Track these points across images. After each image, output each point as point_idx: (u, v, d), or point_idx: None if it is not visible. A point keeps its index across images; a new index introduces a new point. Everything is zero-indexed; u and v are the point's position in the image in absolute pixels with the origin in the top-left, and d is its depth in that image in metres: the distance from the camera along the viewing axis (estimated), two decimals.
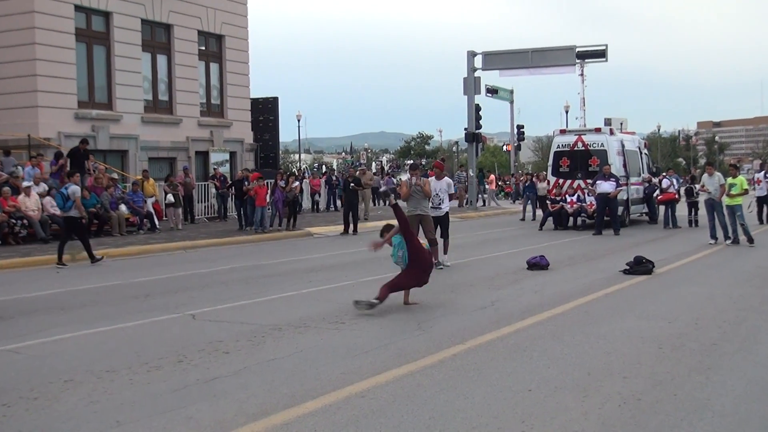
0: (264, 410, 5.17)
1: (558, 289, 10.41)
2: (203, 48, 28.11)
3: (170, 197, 21.44)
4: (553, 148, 23.14)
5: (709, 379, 5.87)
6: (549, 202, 22.25)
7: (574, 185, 21.78)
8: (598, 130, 22.79)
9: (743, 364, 6.33)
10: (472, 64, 31.58)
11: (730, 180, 16.42)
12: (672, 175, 23.67)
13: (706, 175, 17.21)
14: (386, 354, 6.72)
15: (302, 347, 7.03)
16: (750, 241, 16.05)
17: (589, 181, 21.11)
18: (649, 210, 23.64)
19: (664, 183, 22.43)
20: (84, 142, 20.81)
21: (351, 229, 20.66)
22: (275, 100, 32.41)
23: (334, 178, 32.97)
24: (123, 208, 19.89)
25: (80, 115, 23.25)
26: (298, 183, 23.28)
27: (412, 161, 69.09)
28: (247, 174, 22.43)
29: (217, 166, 26.69)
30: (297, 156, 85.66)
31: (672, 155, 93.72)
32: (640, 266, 11.78)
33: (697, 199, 20.72)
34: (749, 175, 41.07)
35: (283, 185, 21.36)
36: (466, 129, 32.21)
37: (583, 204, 21.25)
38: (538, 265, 12.36)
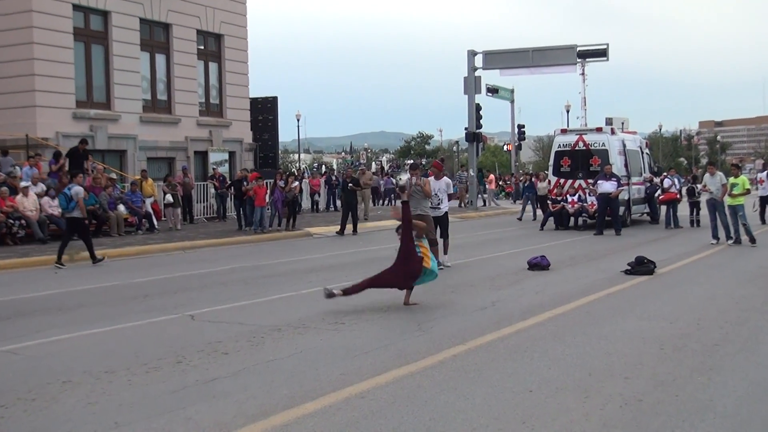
0: (263, 411, 5.15)
1: (559, 289, 10.38)
2: (202, 47, 28.09)
3: (169, 197, 21.41)
4: (554, 148, 23.06)
5: (711, 380, 5.84)
6: (550, 202, 22.22)
7: (575, 185, 21.70)
8: (599, 130, 22.67)
9: (745, 365, 6.30)
10: (473, 64, 31.54)
11: (731, 180, 16.38)
12: (673, 175, 23.58)
13: (707, 175, 17.15)
14: (386, 355, 6.69)
15: (302, 348, 7.00)
16: (752, 241, 16.02)
17: (591, 181, 21.06)
18: (651, 210, 23.60)
19: (666, 183, 22.37)
20: (83, 142, 20.80)
21: (351, 230, 20.61)
22: (274, 100, 32.39)
23: (334, 178, 32.94)
24: (121, 208, 19.83)
25: (78, 115, 23.22)
26: (297, 183, 23.23)
27: (412, 161, 69.08)
28: (245, 174, 22.40)
29: (216, 166, 26.69)
30: (296, 156, 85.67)
31: (673, 155, 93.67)
32: (642, 266, 11.74)
33: (699, 199, 20.68)
34: (751, 175, 41.07)
35: (283, 185, 21.32)
36: (466, 128, 32.16)
37: (585, 204, 21.22)
38: (539, 265, 12.34)
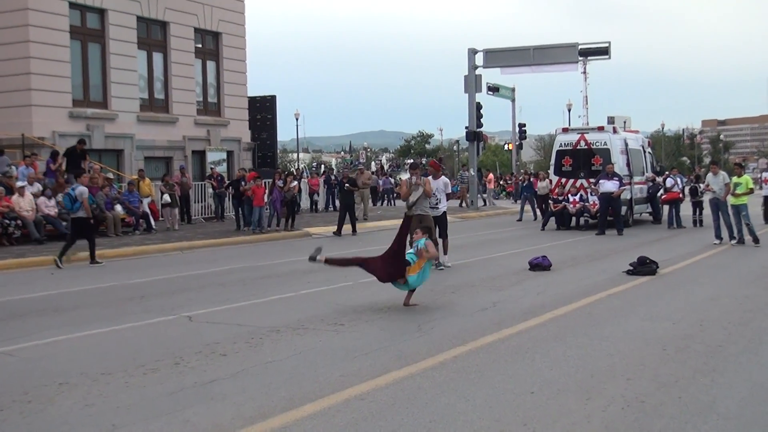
0: (262, 413, 5.11)
1: (560, 289, 10.34)
2: (200, 45, 28.00)
3: (166, 197, 21.36)
4: (556, 147, 22.96)
5: (714, 382, 5.80)
6: (551, 202, 22.16)
7: (577, 184, 21.66)
8: (601, 129, 22.60)
9: (749, 366, 6.26)
10: (473, 62, 31.47)
11: (735, 179, 16.33)
12: (676, 175, 23.56)
13: (710, 174, 17.10)
14: (386, 356, 6.64)
15: (300, 349, 6.96)
16: (755, 241, 15.99)
17: (592, 181, 21.02)
18: (653, 210, 23.51)
19: (668, 182, 22.33)
20: (81, 142, 20.78)
21: (350, 230, 20.52)
22: (273, 99, 32.34)
23: (333, 178, 32.87)
24: (118, 208, 19.78)
25: (75, 114, 23.14)
26: (296, 183, 23.20)
27: (412, 160, 69.05)
28: (244, 174, 22.34)
29: (214, 166, 26.61)
30: (295, 155, 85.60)
31: (676, 154, 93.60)
32: (644, 267, 11.70)
33: (702, 199, 20.64)
34: (755, 174, 41.02)
35: (281, 185, 21.28)
36: (467, 127, 32.10)
37: (586, 204, 21.17)
38: (540, 265, 12.30)
